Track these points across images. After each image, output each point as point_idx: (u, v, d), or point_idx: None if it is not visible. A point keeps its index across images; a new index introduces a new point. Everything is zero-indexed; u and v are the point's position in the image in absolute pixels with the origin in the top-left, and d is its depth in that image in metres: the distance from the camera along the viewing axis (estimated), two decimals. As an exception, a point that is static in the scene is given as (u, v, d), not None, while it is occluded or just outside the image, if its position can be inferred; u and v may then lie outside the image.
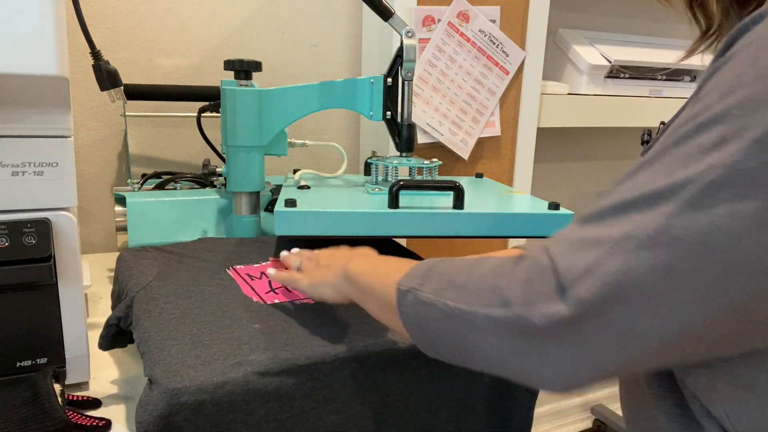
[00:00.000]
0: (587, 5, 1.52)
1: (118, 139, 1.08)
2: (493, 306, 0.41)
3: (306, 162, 1.24)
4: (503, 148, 1.27)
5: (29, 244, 0.52)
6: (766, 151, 0.33)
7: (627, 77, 1.40)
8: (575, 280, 0.37)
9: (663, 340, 0.36)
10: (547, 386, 0.40)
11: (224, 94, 0.84)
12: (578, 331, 0.37)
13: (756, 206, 0.34)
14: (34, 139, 0.53)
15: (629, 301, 0.36)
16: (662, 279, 0.35)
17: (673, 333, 0.36)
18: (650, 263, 0.35)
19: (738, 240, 0.34)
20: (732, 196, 0.34)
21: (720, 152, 0.35)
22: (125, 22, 1.05)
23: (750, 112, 0.34)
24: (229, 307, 0.61)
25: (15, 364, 0.55)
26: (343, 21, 1.23)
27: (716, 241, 0.34)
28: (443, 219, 0.72)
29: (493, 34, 1.18)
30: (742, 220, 0.34)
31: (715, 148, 0.35)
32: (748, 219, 0.34)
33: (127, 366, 0.66)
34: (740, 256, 0.34)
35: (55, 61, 0.49)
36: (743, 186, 0.34)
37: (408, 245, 1.00)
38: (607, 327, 0.36)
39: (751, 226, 0.34)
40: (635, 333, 0.36)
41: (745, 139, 0.34)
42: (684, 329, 0.36)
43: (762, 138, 0.33)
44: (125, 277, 0.69)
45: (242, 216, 0.88)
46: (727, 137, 0.35)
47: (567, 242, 0.40)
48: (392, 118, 0.88)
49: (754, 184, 0.34)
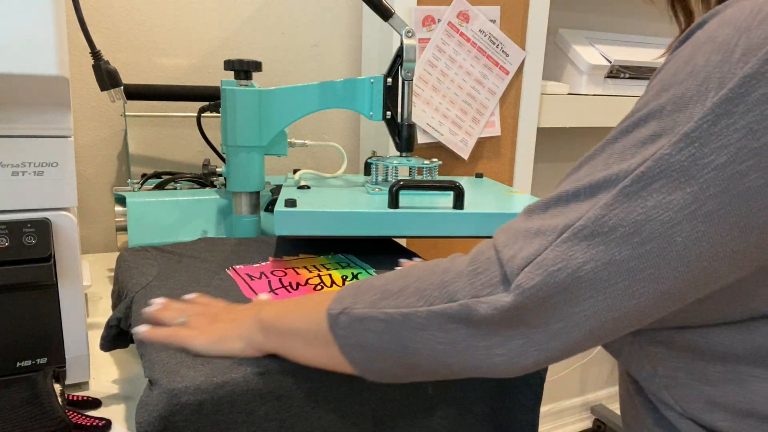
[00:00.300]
0: (587, 5, 1.52)
1: (118, 139, 1.08)
2: (437, 302, 0.42)
3: (306, 162, 1.24)
4: (503, 148, 1.27)
5: (29, 244, 0.52)
6: (694, 145, 0.35)
7: (627, 77, 1.40)
8: (517, 270, 0.39)
9: (601, 323, 0.39)
10: (497, 372, 0.42)
11: (224, 94, 0.84)
12: (523, 318, 0.39)
13: (685, 197, 0.35)
14: (34, 139, 0.53)
15: (569, 289, 0.38)
16: (599, 268, 0.37)
17: (610, 318, 0.39)
18: (588, 253, 0.37)
19: (669, 229, 0.36)
20: (663, 187, 0.36)
21: (653, 146, 0.37)
22: (125, 22, 1.05)
23: (681, 107, 0.36)
24: (229, 307, 0.61)
25: (15, 364, 0.55)
26: (343, 21, 1.23)
27: (649, 231, 0.36)
28: (443, 219, 0.72)
29: (493, 34, 1.18)
30: (672, 211, 0.36)
31: (650, 142, 0.37)
32: (678, 210, 0.35)
33: (127, 366, 0.66)
34: (671, 246, 0.36)
35: (55, 61, 0.49)
36: (673, 178, 0.35)
37: (408, 245, 1.00)
38: (549, 313, 0.39)
39: (681, 217, 0.35)
40: (575, 319, 0.39)
41: (676, 133, 0.36)
42: (620, 314, 0.38)
43: (690, 132, 0.35)
44: (125, 277, 0.69)
45: (242, 216, 0.88)
46: (660, 132, 0.37)
47: (512, 233, 0.42)
48: (392, 118, 0.88)
49: (684, 176, 0.35)
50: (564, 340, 0.39)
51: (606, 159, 0.39)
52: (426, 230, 0.72)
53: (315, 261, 0.76)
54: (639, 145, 0.37)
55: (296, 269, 0.73)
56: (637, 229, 0.36)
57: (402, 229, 0.72)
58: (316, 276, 0.71)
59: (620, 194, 0.37)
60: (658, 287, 0.37)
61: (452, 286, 0.42)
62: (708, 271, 0.37)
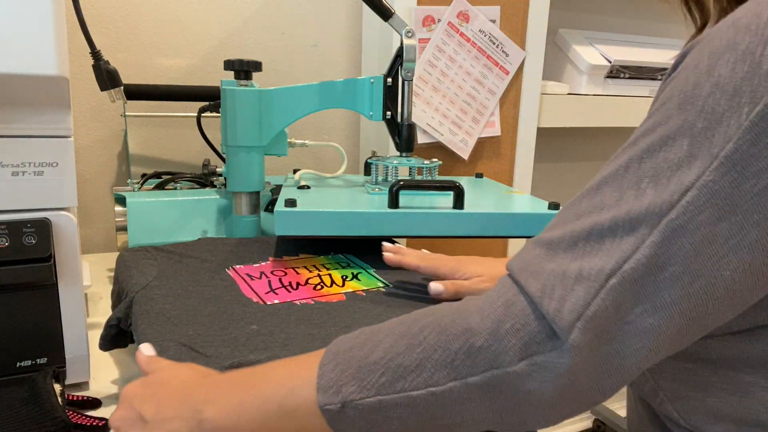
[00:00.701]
0: (587, 5, 1.52)
1: (118, 139, 1.08)
2: (474, 372, 0.36)
3: (306, 162, 1.24)
4: (503, 148, 1.27)
5: (29, 244, 0.52)
6: (736, 168, 0.33)
7: (627, 77, 1.40)
8: (568, 326, 0.34)
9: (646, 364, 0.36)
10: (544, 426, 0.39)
11: (224, 94, 0.84)
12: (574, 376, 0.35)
13: (730, 228, 0.33)
14: (34, 139, 0.53)
15: (618, 339, 0.35)
16: (648, 313, 0.35)
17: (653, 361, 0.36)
18: (638, 298, 0.34)
19: (717, 263, 0.34)
20: (709, 218, 0.33)
21: (691, 170, 0.34)
22: (125, 22, 1.05)
23: (714, 124, 0.34)
24: (228, 308, 0.61)
25: (15, 364, 0.55)
26: (343, 21, 1.23)
27: (697, 268, 0.34)
28: (443, 219, 0.72)
29: (493, 34, 1.18)
30: (719, 244, 0.34)
31: (686, 165, 0.34)
32: (724, 241, 0.33)
33: (127, 366, 0.66)
34: (720, 281, 0.34)
35: (55, 61, 0.49)
36: (719, 207, 0.33)
37: (408, 245, 1.00)
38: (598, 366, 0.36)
39: (727, 249, 0.34)
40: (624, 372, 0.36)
41: (716, 156, 0.33)
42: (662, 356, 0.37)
43: (731, 155, 0.33)
44: (125, 277, 0.69)
45: (242, 216, 0.88)
46: (695, 153, 0.34)
47: (544, 276, 0.36)
48: (392, 118, 0.88)
49: (728, 204, 0.33)
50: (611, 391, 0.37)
51: (636, 182, 0.36)
52: (426, 230, 0.72)
53: (315, 261, 0.76)
54: (674, 168, 0.34)
55: (296, 269, 0.73)
56: (686, 268, 0.34)
57: (402, 229, 0.72)
58: (316, 276, 0.71)
59: (667, 230, 0.34)
60: (704, 324, 0.35)
61: (487, 351, 0.36)
62: (749, 299, 0.36)
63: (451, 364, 0.36)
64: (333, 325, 0.59)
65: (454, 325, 0.38)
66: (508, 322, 0.36)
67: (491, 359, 0.36)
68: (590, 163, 1.66)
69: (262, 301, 0.64)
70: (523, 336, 0.35)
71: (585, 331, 0.34)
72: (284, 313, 0.61)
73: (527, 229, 0.74)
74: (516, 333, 0.36)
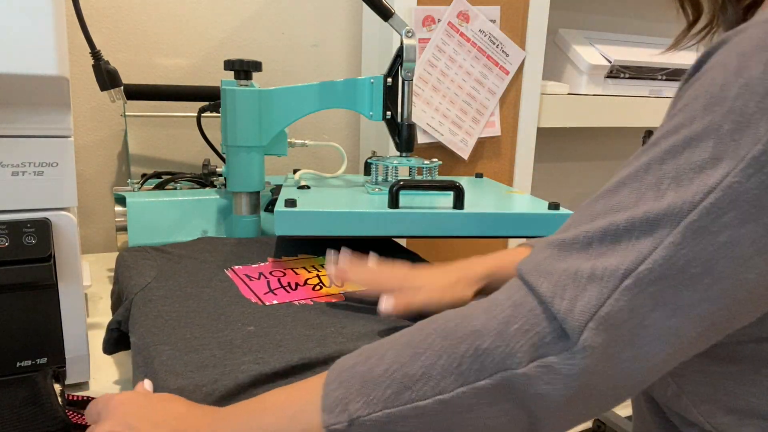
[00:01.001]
0: (587, 5, 1.52)
1: (118, 139, 1.08)
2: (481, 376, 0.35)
3: (306, 162, 1.24)
4: (503, 148, 1.27)
5: (29, 244, 0.52)
6: (764, 170, 0.32)
7: (627, 77, 1.40)
8: (579, 327, 0.33)
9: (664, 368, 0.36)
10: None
11: (224, 94, 0.84)
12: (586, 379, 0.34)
13: (756, 230, 0.32)
14: (34, 139, 0.53)
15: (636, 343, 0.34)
16: (668, 316, 0.34)
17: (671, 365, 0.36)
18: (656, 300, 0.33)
19: (741, 266, 0.33)
20: (734, 220, 0.32)
21: (715, 171, 0.33)
22: (125, 22, 1.05)
23: (742, 126, 0.32)
24: (226, 309, 0.61)
25: (15, 364, 0.55)
26: (343, 21, 1.23)
27: (720, 270, 0.33)
28: (443, 219, 0.72)
29: (493, 34, 1.18)
30: (744, 246, 0.33)
31: (710, 167, 0.33)
32: (750, 244, 0.32)
33: (127, 366, 0.66)
34: (744, 284, 0.33)
35: (55, 61, 0.49)
36: (744, 209, 0.32)
37: (408, 245, 1.00)
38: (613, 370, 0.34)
39: (753, 252, 0.33)
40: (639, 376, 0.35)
41: (743, 158, 0.32)
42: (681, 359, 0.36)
43: (759, 156, 0.32)
44: (125, 277, 0.69)
45: (242, 216, 0.88)
46: (721, 155, 0.33)
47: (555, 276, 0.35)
48: (392, 118, 0.88)
49: (755, 206, 0.32)
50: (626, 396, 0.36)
51: (656, 183, 0.34)
52: (426, 230, 0.72)
53: (314, 261, 0.76)
54: (697, 170, 0.33)
55: (295, 269, 0.73)
56: (707, 269, 0.33)
57: (402, 229, 0.72)
58: (315, 276, 0.71)
59: (687, 230, 0.33)
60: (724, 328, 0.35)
61: (495, 353, 0.35)
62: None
63: (458, 369, 0.35)
64: (330, 325, 0.59)
65: (459, 329, 0.37)
66: (516, 322, 0.35)
67: (499, 361, 0.35)
68: (590, 163, 1.66)
69: (260, 302, 0.64)
70: (533, 337, 0.34)
71: (597, 333, 0.33)
72: (282, 314, 0.61)
73: (527, 229, 0.74)
74: (525, 334, 0.35)
